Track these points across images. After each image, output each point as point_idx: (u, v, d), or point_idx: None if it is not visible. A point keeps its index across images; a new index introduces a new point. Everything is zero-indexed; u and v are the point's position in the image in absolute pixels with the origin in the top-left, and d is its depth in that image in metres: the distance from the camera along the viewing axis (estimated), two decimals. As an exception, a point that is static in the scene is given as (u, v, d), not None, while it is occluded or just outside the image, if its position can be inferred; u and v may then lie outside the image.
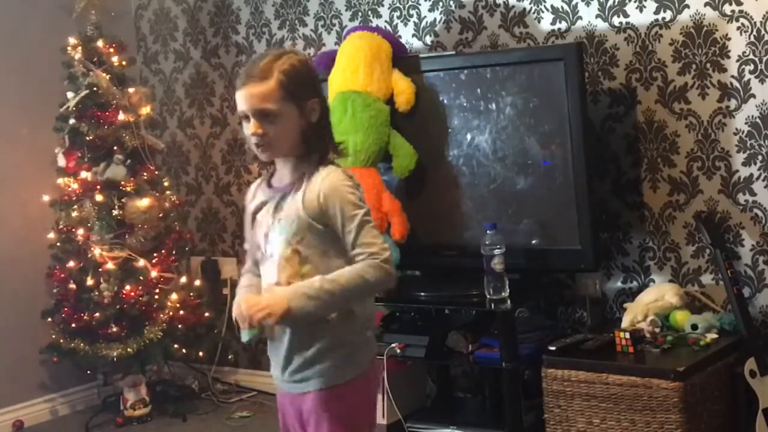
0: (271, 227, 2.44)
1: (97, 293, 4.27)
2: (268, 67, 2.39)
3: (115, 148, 4.35)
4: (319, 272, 2.38)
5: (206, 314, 4.52)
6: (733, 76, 3.40)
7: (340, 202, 2.37)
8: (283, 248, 2.41)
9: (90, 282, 4.29)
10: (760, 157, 3.39)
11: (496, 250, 3.39)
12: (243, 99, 2.40)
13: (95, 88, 4.32)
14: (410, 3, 4.07)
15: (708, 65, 3.44)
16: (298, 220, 2.40)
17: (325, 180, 2.39)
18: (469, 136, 3.64)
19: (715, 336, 3.29)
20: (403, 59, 3.77)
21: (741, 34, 3.36)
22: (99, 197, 4.30)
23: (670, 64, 3.52)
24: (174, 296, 4.35)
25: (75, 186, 4.35)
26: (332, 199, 2.37)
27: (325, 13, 4.32)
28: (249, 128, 2.40)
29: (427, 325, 3.74)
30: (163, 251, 4.39)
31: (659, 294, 3.47)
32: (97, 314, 4.27)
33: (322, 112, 2.44)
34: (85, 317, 4.29)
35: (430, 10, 4.02)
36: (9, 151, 4.49)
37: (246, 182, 4.67)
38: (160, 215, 4.39)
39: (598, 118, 3.65)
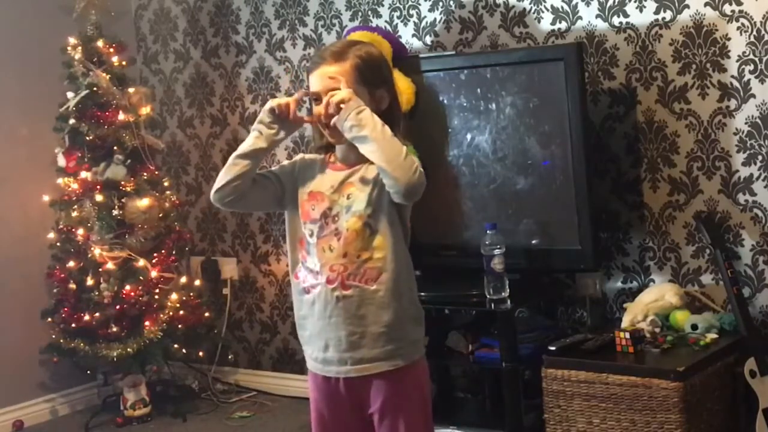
0: (338, 202, 2.47)
1: (97, 293, 4.27)
2: (344, 51, 2.45)
3: (115, 148, 4.35)
4: (388, 243, 2.45)
5: (206, 314, 4.52)
6: (733, 76, 3.40)
7: None
8: (353, 221, 2.44)
9: (90, 282, 4.29)
10: (760, 157, 3.39)
11: (496, 250, 3.39)
12: (317, 79, 2.44)
13: (95, 88, 4.32)
14: (410, 3, 4.07)
15: (708, 65, 3.44)
16: (370, 193, 2.45)
17: None
18: (469, 136, 3.64)
19: (715, 336, 3.29)
20: (403, 59, 3.77)
21: (741, 34, 3.36)
22: (99, 197, 4.29)
23: (670, 64, 3.52)
24: (174, 296, 4.34)
25: (75, 186, 4.35)
26: None
27: (325, 13, 4.32)
28: (319, 109, 2.43)
29: (427, 325, 3.72)
30: (163, 251, 4.39)
31: (659, 294, 3.47)
32: (97, 314, 4.27)
33: (391, 104, 2.49)
34: (85, 317, 4.29)
35: (430, 10, 4.02)
36: (9, 151, 4.49)
37: (246, 182, 4.67)
38: (160, 215, 4.39)
39: (598, 118, 3.65)
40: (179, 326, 4.35)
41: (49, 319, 4.41)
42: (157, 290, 4.31)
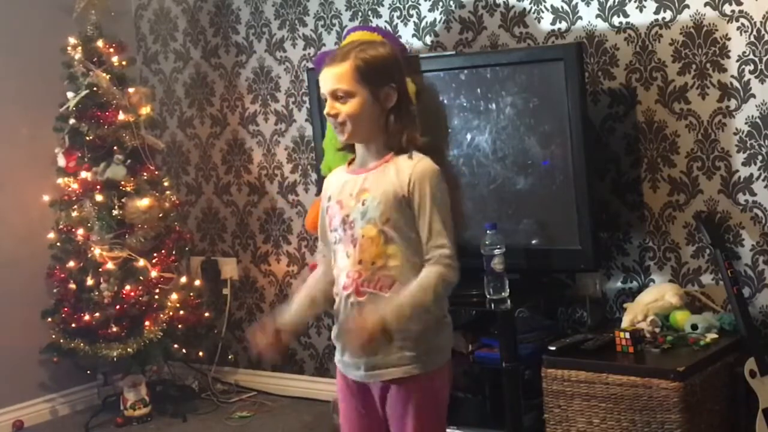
0: (354, 209, 2.49)
1: (97, 293, 4.27)
2: (348, 52, 2.50)
3: (115, 148, 4.35)
4: (402, 252, 2.45)
5: (206, 314, 4.52)
6: (733, 76, 3.40)
7: (423, 192, 2.44)
8: (369, 228, 2.46)
9: (90, 282, 4.29)
10: (760, 157, 3.39)
11: (496, 250, 3.39)
12: (322, 80, 2.51)
13: (95, 88, 4.32)
14: (410, 3, 4.07)
15: (708, 65, 3.44)
16: (386, 200, 2.46)
17: (417, 165, 2.46)
18: (469, 136, 3.64)
19: (715, 336, 3.29)
20: (403, 59, 3.77)
21: (741, 34, 3.36)
22: (99, 197, 4.30)
23: (670, 64, 3.52)
24: (174, 296, 4.34)
25: (75, 186, 4.35)
26: (420, 187, 2.44)
27: (325, 13, 4.32)
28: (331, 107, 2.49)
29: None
30: (163, 251, 4.39)
31: (659, 294, 3.47)
32: (97, 314, 4.27)
33: (400, 101, 2.51)
34: (85, 317, 4.29)
35: (430, 10, 4.02)
36: (9, 151, 4.49)
37: (246, 182, 4.68)
38: (160, 215, 4.39)
39: (598, 118, 3.65)
40: (179, 326, 4.35)
41: (49, 319, 4.41)
42: (157, 290, 4.31)
